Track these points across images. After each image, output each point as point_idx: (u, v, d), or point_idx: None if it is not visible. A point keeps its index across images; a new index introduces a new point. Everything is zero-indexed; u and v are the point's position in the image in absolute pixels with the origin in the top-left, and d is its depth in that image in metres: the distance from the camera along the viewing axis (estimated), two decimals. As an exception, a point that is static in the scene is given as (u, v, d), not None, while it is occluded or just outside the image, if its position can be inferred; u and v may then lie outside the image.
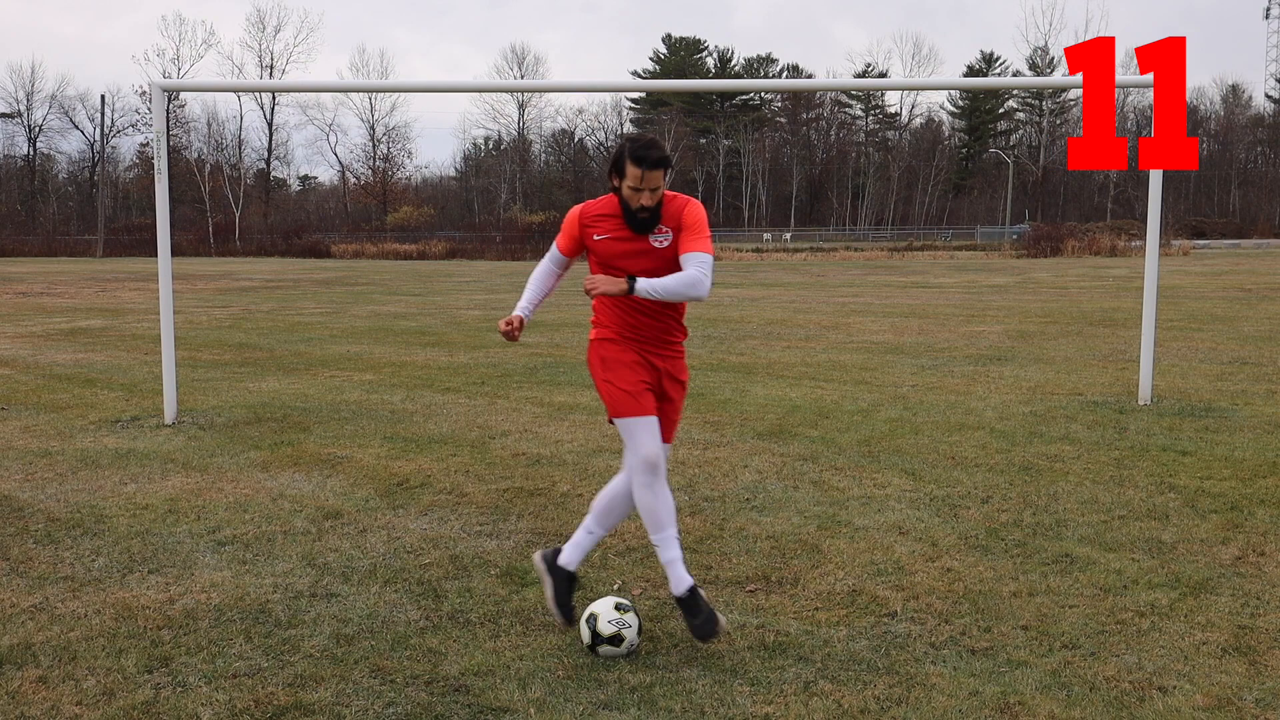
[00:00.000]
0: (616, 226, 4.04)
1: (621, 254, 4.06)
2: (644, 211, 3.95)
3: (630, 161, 3.87)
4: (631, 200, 3.94)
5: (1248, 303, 20.19)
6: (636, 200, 3.92)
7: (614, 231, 4.05)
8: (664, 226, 4.01)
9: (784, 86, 17.42)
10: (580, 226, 4.14)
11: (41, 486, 6.69)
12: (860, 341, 14.44)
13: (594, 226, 4.10)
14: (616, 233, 4.04)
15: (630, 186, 3.90)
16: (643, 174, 3.86)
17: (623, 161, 3.91)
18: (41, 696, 3.71)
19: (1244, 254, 50.74)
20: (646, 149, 3.88)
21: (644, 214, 3.95)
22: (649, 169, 3.85)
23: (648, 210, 3.94)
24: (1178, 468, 6.86)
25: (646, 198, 3.90)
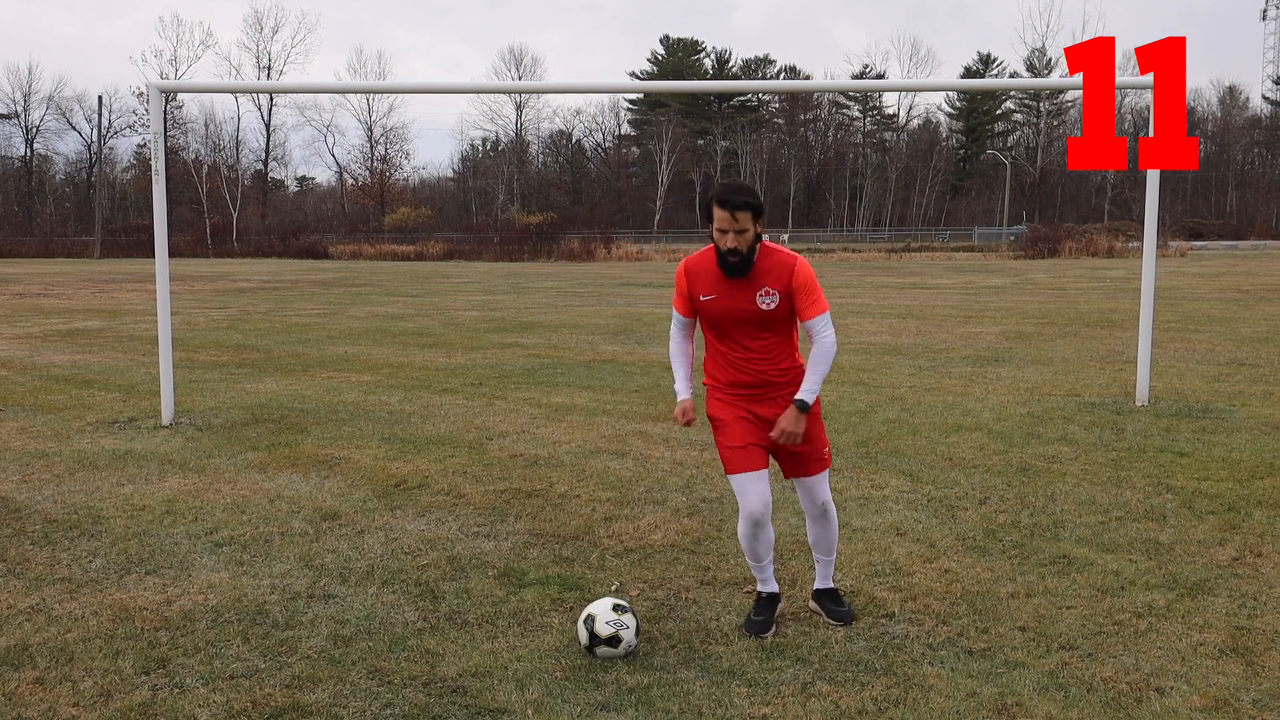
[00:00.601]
0: (718, 284, 4.07)
1: (729, 320, 4.09)
2: (734, 255, 3.98)
3: (716, 205, 3.96)
4: (720, 243, 4.00)
5: (1245, 304, 20.22)
6: (724, 243, 3.97)
7: (718, 291, 4.07)
8: (770, 288, 4.02)
9: (782, 88, 17.51)
10: (687, 281, 4.17)
11: (39, 488, 6.68)
12: (858, 342, 14.44)
13: (697, 283, 4.13)
14: (720, 292, 4.06)
15: (718, 229, 3.97)
16: (728, 215, 3.92)
17: (710, 205, 3.99)
18: (39, 698, 3.70)
19: (1241, 255, 50.79)
20: (732, 193, 3.96)
21: (734, 258, 3.98)
22: (733, 210, 3.92)
23: (736, 254, 3.97)
24: (1175, 469, 6.87)
25: (731, 239, 3.95)
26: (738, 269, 4.00)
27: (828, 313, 4.08)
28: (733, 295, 4.05)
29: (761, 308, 4.03)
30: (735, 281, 4.03)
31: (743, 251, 3.97)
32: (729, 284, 4.04)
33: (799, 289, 4.03)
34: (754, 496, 4.10)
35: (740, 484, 4.14)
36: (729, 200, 3.92)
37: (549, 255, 56.29)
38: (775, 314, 4.05)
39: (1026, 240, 55.54)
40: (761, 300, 4.03)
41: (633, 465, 7.16)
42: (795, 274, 4.03)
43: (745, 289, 4.03)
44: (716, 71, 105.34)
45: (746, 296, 4.03)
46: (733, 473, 4.16)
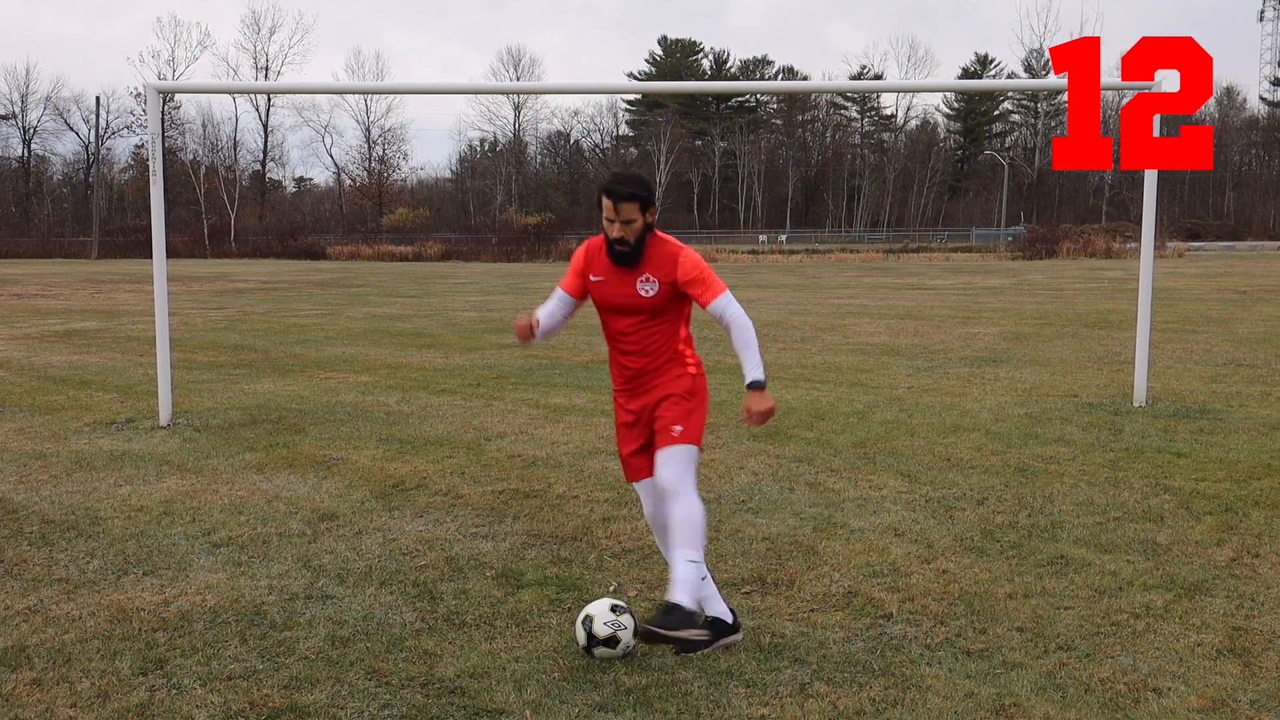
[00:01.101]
0: (606, 267, 4.10)
1: (612, 301, 4.11)
2: (620, 244, 4.00)
3: (603, 195, 3.98)
4: (607, 231, 4.02)
5: (1242, 304, 20.24)
6: (611, 232, 4.00)
7: (604, 273, 4.10)
8: (651, 276, 4.04)
9: (780, 89, 17.52)
10: (585, 260, 4.17)
11: (36, 488, 6.68)
12: (856, 343, 14.45)
13: (593, 262, 4.15)
14: (608, 275, 4.09)
15: (605, 218, 4.00)
16: (612, 205, 3.94)
17: (599, 195, 4.02)
18: (36, 699, 3.70)
19: (1239, 256, 50.85)
20: (619, 183, 3.98)
21: (621, 247, 4.00)
22: (617, 201, 3.93)
23: (624, 243, 4.00)
24: (1173, 469, 6.88)
25: (618, 229, 3.97)
26: (625, 258, 4.02)
27: (727, 291, 4.07)
28: (618, 281, 4.07)
29: (641, 294, 4.04)
30: (622, 269, 4.06)
31: (630, 241, 3.99)
32: (616, 270, 4.07)
33: (687, 279, 4.03)
34: (646, 502, 4.28)
35: (638, 491, 4.32)
36: (615, 191, 3.94)
37: (547, 256, 56.28)
38: (654, 302, 4.05)
39: (1024, 241, 55.59)
40: (641, 287, 4.04)
41: (631, 466, 7.15)
42: (680, 264, 4.03)
43: (629, 276, 4.05)
44: (714, 72, 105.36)
45: (629, 283, 4.05)
46: (630, 481, 4.31)
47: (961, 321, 17.60)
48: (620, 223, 3.95)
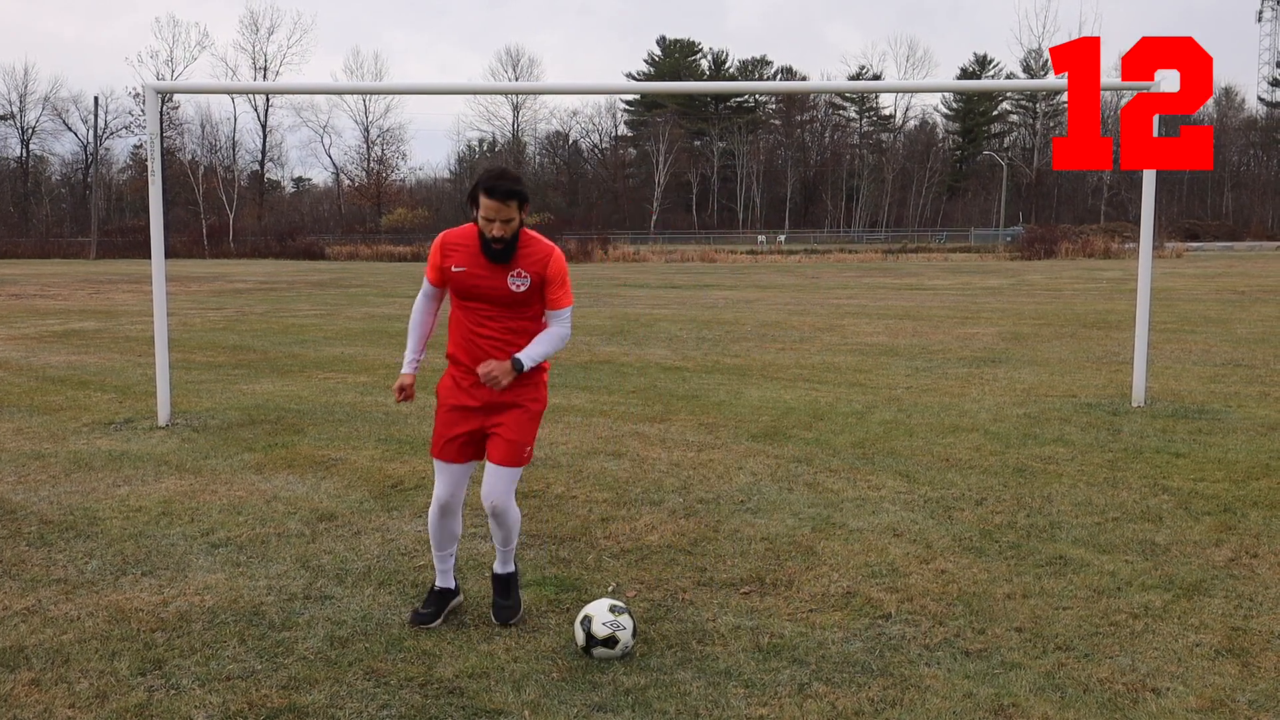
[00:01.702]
0: (473, 259, 4.12)
1: (477, 293, 4.15)
2: (497, 243, 4.04)
3: (483, 192, 3.98)
4: (486, 230, 4.04)
5: (1241, 305, 20.25)
6: (489, 230, 4.03)
7: (470, 264, 4.13)
8: (523, 271, 4.11)
9: (778, 89, 17.52)
10: (441, 255, 4.21)
11: (34, 489, 6.67)
12: (854, 343, 14.45)
13: (452, 255, 4.17)
14: (473, 266, 4.12)
15: (483, 217, 4.01)
16: (495, 205, 3.96)
17: (476, 191, 4.02)
18: (34, 699, 3.70)
19: (1237, 256, 50.86)
20: (497, 180, 3.99)
21: (497, 245, 4.04)
22: (500, 199, 3.96)
23: (501, 241, 4.04)
24: (1171, 470, 6.88)
25: (498, 228, 4.01)
26: (501, 255, 4.07)
27: (571, 307, 4.23)
28: (488, 273, 4.11)
29: (512, 289, 4.11)
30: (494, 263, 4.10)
31: (507, 239, 4.04)
32: (486, 263, 4.11)
33: (551, 279, 4.15)
34: (445, 485, 4.29)
35: (439, 469, 4.30)
36: (497, 189, 3.96)
37: (546, 256, 56.10)
38: (523, 297, 4.13)
39: (1023, 241, 55.58)
40: (513, 282, 4.10)
41: (629, 466, 7.16)
42: (550, 264, 4.14)
43: (500, 269, 4.10)
44: (713, 73, 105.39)
45: (499, 276, 4.10)
46: (435, 456, 4.31)
47: (960, 322, 17.60)
48: (500, 221, 3.99)
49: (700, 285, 30.27)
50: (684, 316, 19.19)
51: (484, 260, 4.10)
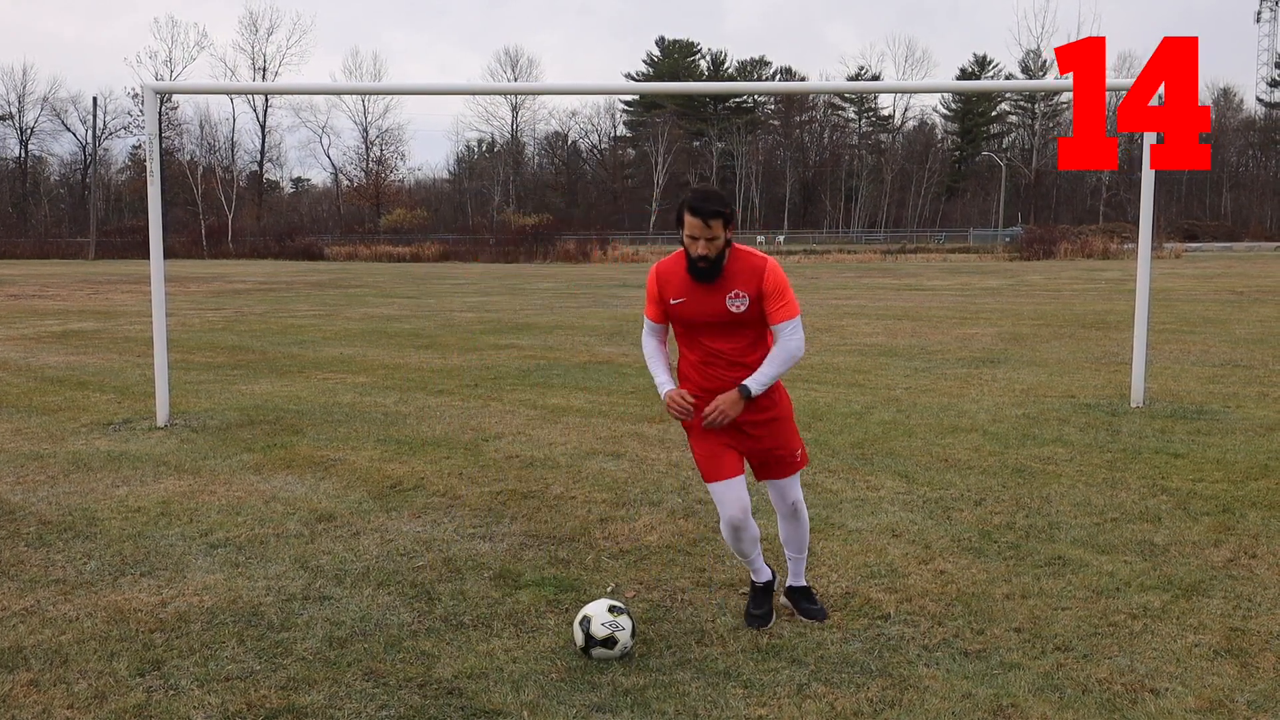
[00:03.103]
0: (688, 288, 4.07)
1: (700, 323, 4.09)
2: (703, 261, 3.99)
3: (689, 212, 3.96)
4: (690, 249, 4.01)
5: (1239, 305, 20.26)
6: (694, 249, 3.99)
7: (688, 295, 4.08)
8: (740, 291, 4.03)
9: (777, 89, 17.53)
10: (658, 286, 4.17)
11: (33, 489, 6.67)
12: (853, 344, 14.45)
13: (667, 286, 4.14)
14: (690, 296, 4.07)
15: (688, 235, 3.98)
16: (700, 223, 3.93)
17: (681, 211, 4.00)
18: (33, 700, 3.69)
19: (1236, 257, 50.88)
20: (702, 199, 3.97)
21: (703, 264, 4.00)
22: (705, 219, 3.92)
23: (706, 260, 3.99)
24: (1170, 470, 6.88)
25: (702, 246, 3.96)
26: (707, 274, 4.02)
27: (798, 317, 4.09)
28: (703, 299, 4.06)
29: (731, 310, 4.04)
30: (705, 285, 4.04)
31: (711, 258, 3.99)
32: (698, 288, 4.05)
33: (769, 293, 4.04)
34: (731, 503, 4.12)
35: (717, 492, 4.16)
36: (701, 208, 3.92)
37: (545, 257, 56.28)
38: (745, 317, 4.05)
39: (1022, 242, 55.59)
40: (731, 303, 4.03)
41: (628, 467, 7.16)
42: (765, 277, 4.05)
43: (715, 292, 4.04)
44: (712, 73, 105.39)
45: (716, 300, 4.04)
46: (709, 480, 4.18)
47: (959, 322, 17.61)
48: (705, 240, 3.94)
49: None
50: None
51: (694, 284, 4.05)
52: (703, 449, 4.17)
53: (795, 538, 4.45)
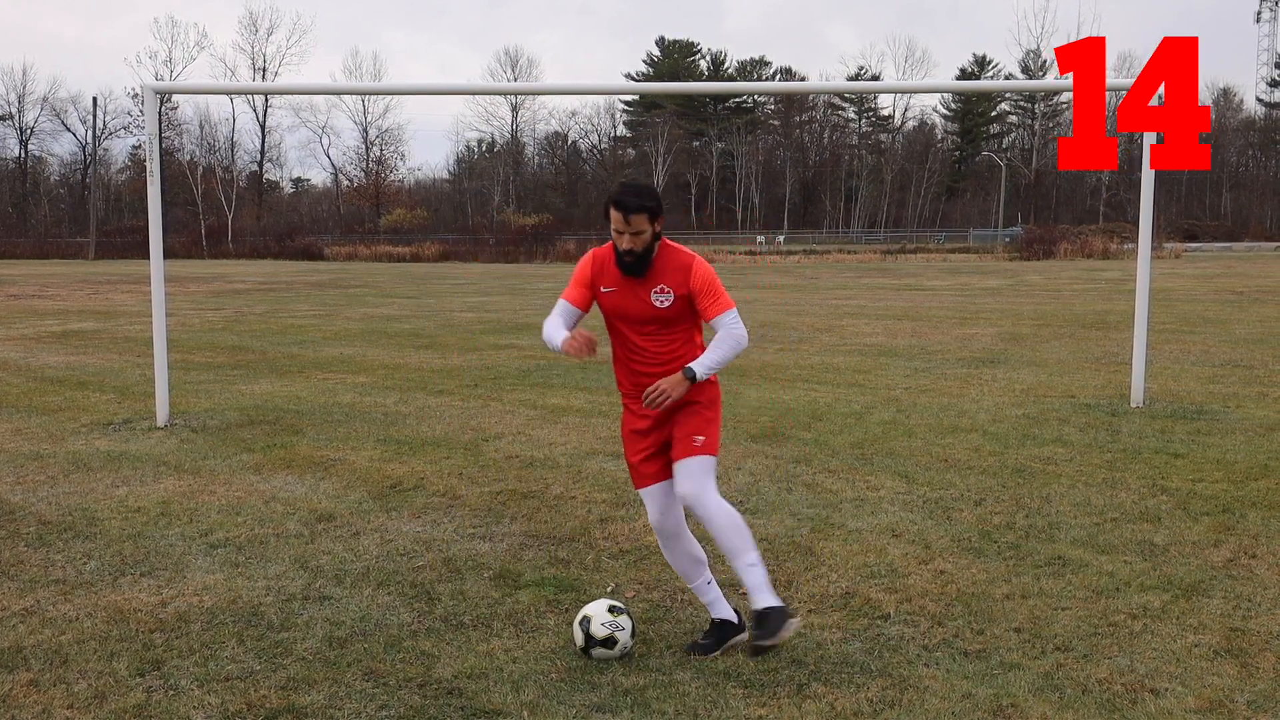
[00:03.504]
0: (618, 279, 4.06)
1: (625, 313, 4.07)
2: (629, 255, 3.98)
3: (612, 206, 3.94)
4: (616, 243, 4.00)
5: (1239, 305, 20.26)
6: (620, 243, 3.98)
7: (618, 285, 4.06)
8: (665, 286, 4.01)
9: (777, 89, 17.53)
10: (593, 270, 4.11)
11: (33, 489, 6.67)
12: (853, 344, 14.46)
13: (602, 274, 4.10)
14: (620, 287, 4.05)
15: (614, 230, 3.96)
16: (622, 217, 3.91)
17: (607, 206, 3.98)
18: (33, 700, 3.69)
19: (1236, 257, 50.89)
20: (626, 193, 3.95)
21: (629, 258, 3.98)
22: (627, 214, 3.91)
23: (633, 254, 3.97)
24: (1170, 470, 6.88)
25: (627, 240, 3.95)
26: (633, 268, 4.00)
27: (734, 309, 4.03)
28: (630, 292, 4.04)
29: (656, 305, 4.01)
30: (633, 279, 4.03)
31: (638, 252, 3.97)
32: (627, 281, 4.04)
33: (698, 290, 4.01)
34: (652, 510, 4.15)
35: (644, 498, 4.18)
36: (625, 202, 3.91)
37: (545, 257, 56.28)
38: (669, 314, 4.02)
39: (1022, 242, 55.60)
40: (656, 298, 4.01)
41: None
42: (693, 274, 4.02)
43: (641, 286, 4.02)
44: (712, 73, 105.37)
45: (642, 294, 4.02)
46: (637, 488, 4.19)
47: (959, 322, 17.61)
48: (630, 234, 3.93)
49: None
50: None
51: (622, 276, 4.03)
52: (628, 456, 4.19)
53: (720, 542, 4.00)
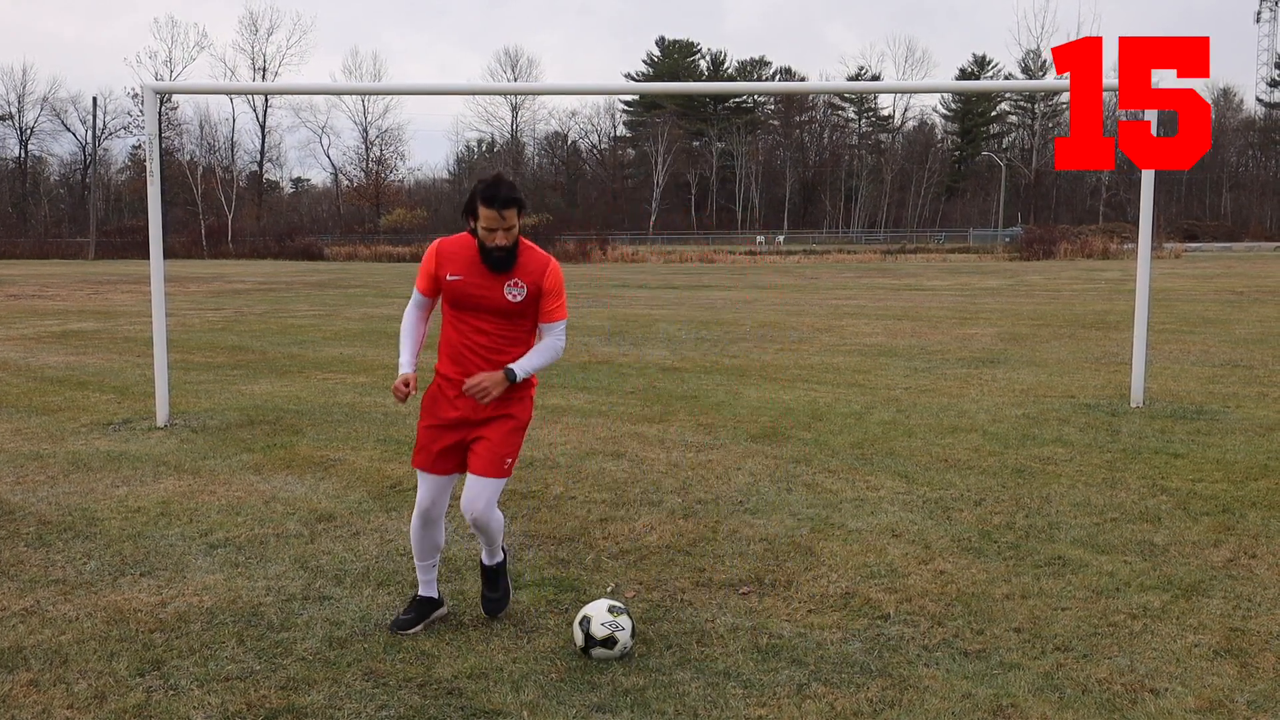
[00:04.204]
0: (471, 268, 4.06)
1: (472, 302, 4.09)
2: (499, 251, 3.99)
3: (481, 202, 3.93)
4: (486, 240, 3.99)
5: (1239, 305, 20.26)
6: (491, 240, 3.98)
7: (467, 274, 4.06)
8: (520, 280, 4.06)
9: (777, 89, 17.54)
10: (436, 263, 4.13)
11: (33, 489, 6.67)
12: (853, 344, 14.46)
13: (448, 264, 4.10)
14: (470, 275, 4.06)
15: (484, 227, 3.96)
16: (495, 214, 3.92)
17: (474, 203, 3.97)
18: (33, 700, 3.69)
19: (1235, 257, 50.89)
20: (495, 188, 3.94)
21: (499, 253, 3.99)
22: (500, 208, 3.92)
23: (503, 249, 3.99)
24: (1170, 470, 6.88)
25: (501, 237, 3.96)
26: (502, 264, 4.02)
27: (566, 321, 4.20)
28: (483, 281, 4.05)
29: (508, 298, 4.06)
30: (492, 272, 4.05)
31: (508, 247, 4.00)
32: (482, 270, 4.05)
33: (548, 291, 4.10)
34: (428, 495, 4.24)
35: (422, 479, 4.25)
36: (496, 198, 3.91)
37: (544, 257, 56.11)
38: (518, 308, 4.08)
39: (1022, 242, 55.60)
40: (509, 291, 4.05)
41: (628, 467, 7.16)
42: (547, 274, 4.10)
43: (497, 279, 4.05)
44: (712, 73, 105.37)
45: (496, 285, 4.05)
46: (417, 466, 4.26)
47: (959, 322, 17.61)
48: (503, 230, 3.95)
49: (699, 286, 30.27)
50: (682, 317, 19.18)
51: (482, 269, 4.04)
52: (424, 438, 4.22)
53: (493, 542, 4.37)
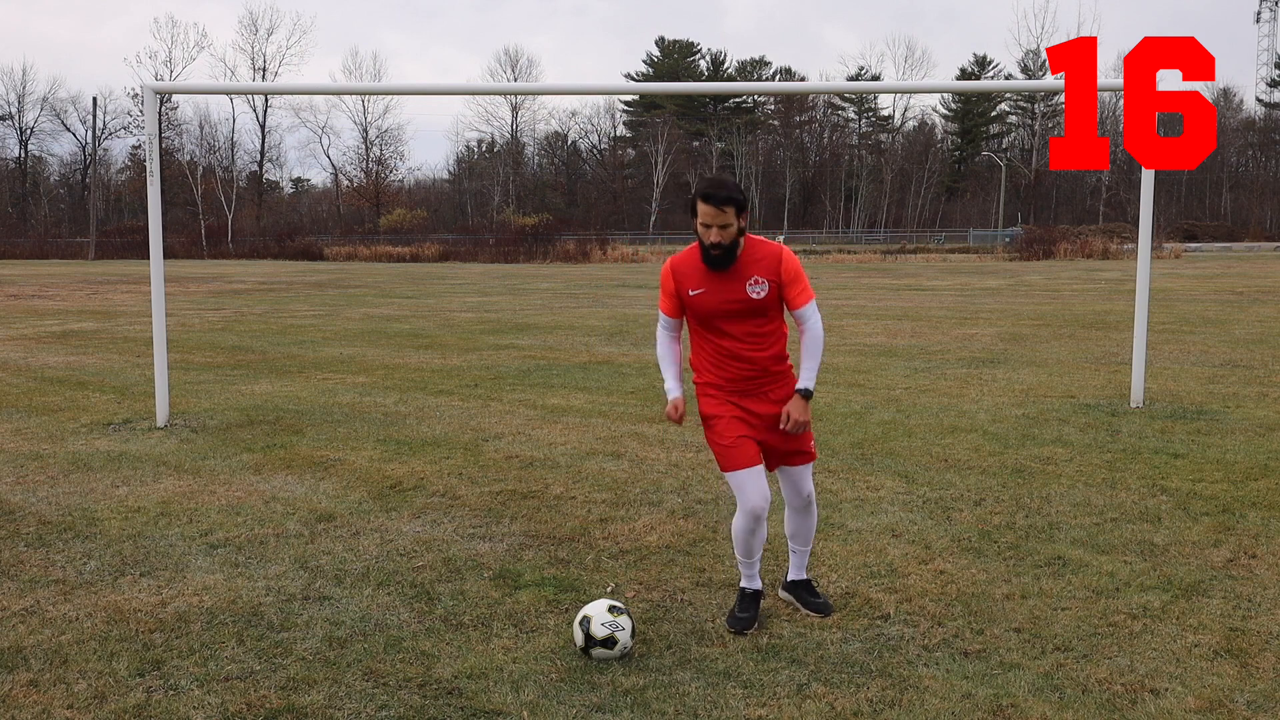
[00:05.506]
0: (707, 278, 4.14)
1: (722, 310, 4.15)
2: (716, 249, 4.06)
3: (700, 200, 4.03)
4: (704, 237, 4.07)
5: (1239, 306, 20.26)
6: (708, 237, 4.05)
7: (708, 285, 4.14)
8: (760, 277, 4.12)
9: (777, 89, 17.51)
10: (674, 280, 4.22)
11: (33, 489, 6.67)
12: (853, 344, 14.46)
13: (687, 281, 4.18)
14: (710, 285, 4.13)
15: (702, 224, 4.05)
16: (714, 210, 4.00)
17: (694, 200, 4.07)
18: (32, 700, 3.69)
19: (1235, 257, 50.88)
20: (714, 187, 4.04)
21: (716, 251, 4.06)
22: (719, 205, 4.00)
23: (720, 247, 4.05)
24: (1170, 470, 6.88)
25: (716, 234, 4.03)
26: (721, 261, 4.09)
27: (815, 300, 4.27)
28: (722, 287, 4.13)
29: (752, 296, 4.12)
30: (722, 274, 4.12)
31: (725, 245, 4.06)
32: (716, 277, 4.13)
33: (788, 279, 4.17)
34: (753, 492, 4.17)
35: (739, 480, 4.20)
36: (714, 195, 4.01)
37: (544, 257, 56.27)
38: (765, 302, 4.15)
39: (1021, 242, 55.60)
40: (752, 289, 4.12)
41: (628, 467, 7.16)
42: (783, 263, 4.17)
43: (734, 280, 4.12)
44: (712, 73, 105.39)
45: (736, 287, 4.12)
46: (730, 469, 4.21)
47: (959, 322, 17.61)
48: (719, 227, 4.01)
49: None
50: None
51: (711, 274, 4.12)
52: (724, 439, 4.20)
53: (803, 530, 4.51)
